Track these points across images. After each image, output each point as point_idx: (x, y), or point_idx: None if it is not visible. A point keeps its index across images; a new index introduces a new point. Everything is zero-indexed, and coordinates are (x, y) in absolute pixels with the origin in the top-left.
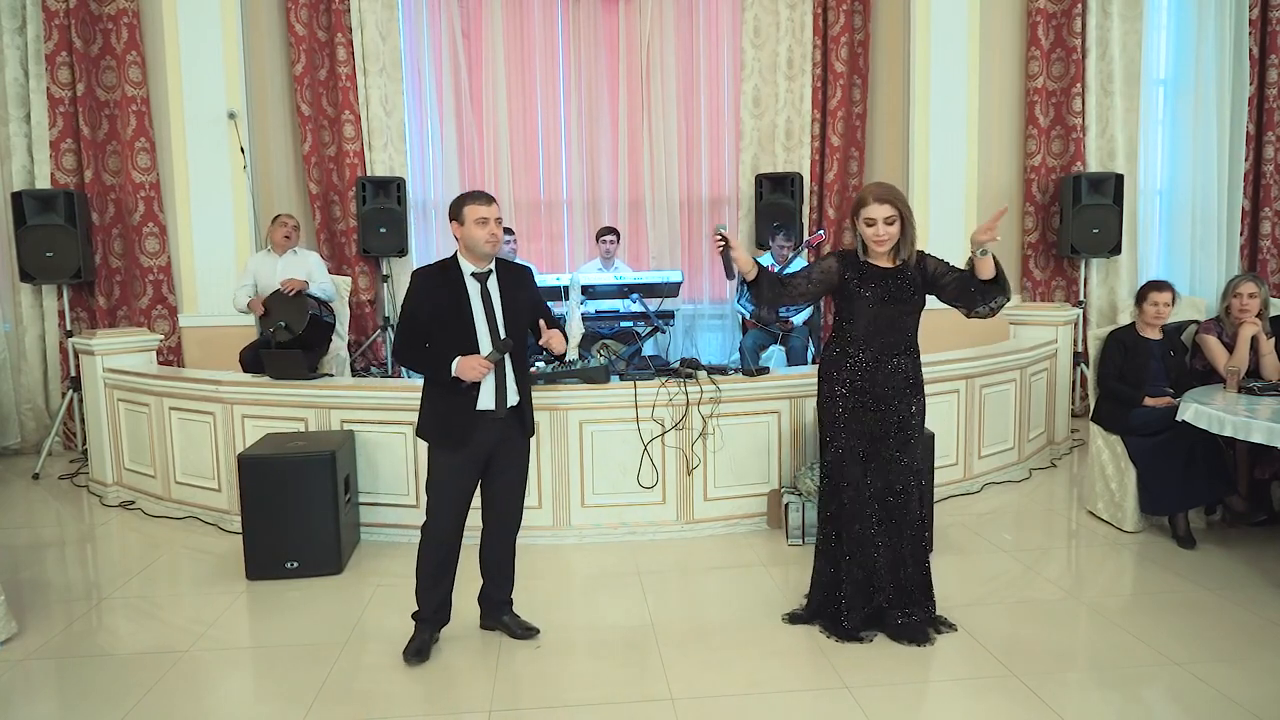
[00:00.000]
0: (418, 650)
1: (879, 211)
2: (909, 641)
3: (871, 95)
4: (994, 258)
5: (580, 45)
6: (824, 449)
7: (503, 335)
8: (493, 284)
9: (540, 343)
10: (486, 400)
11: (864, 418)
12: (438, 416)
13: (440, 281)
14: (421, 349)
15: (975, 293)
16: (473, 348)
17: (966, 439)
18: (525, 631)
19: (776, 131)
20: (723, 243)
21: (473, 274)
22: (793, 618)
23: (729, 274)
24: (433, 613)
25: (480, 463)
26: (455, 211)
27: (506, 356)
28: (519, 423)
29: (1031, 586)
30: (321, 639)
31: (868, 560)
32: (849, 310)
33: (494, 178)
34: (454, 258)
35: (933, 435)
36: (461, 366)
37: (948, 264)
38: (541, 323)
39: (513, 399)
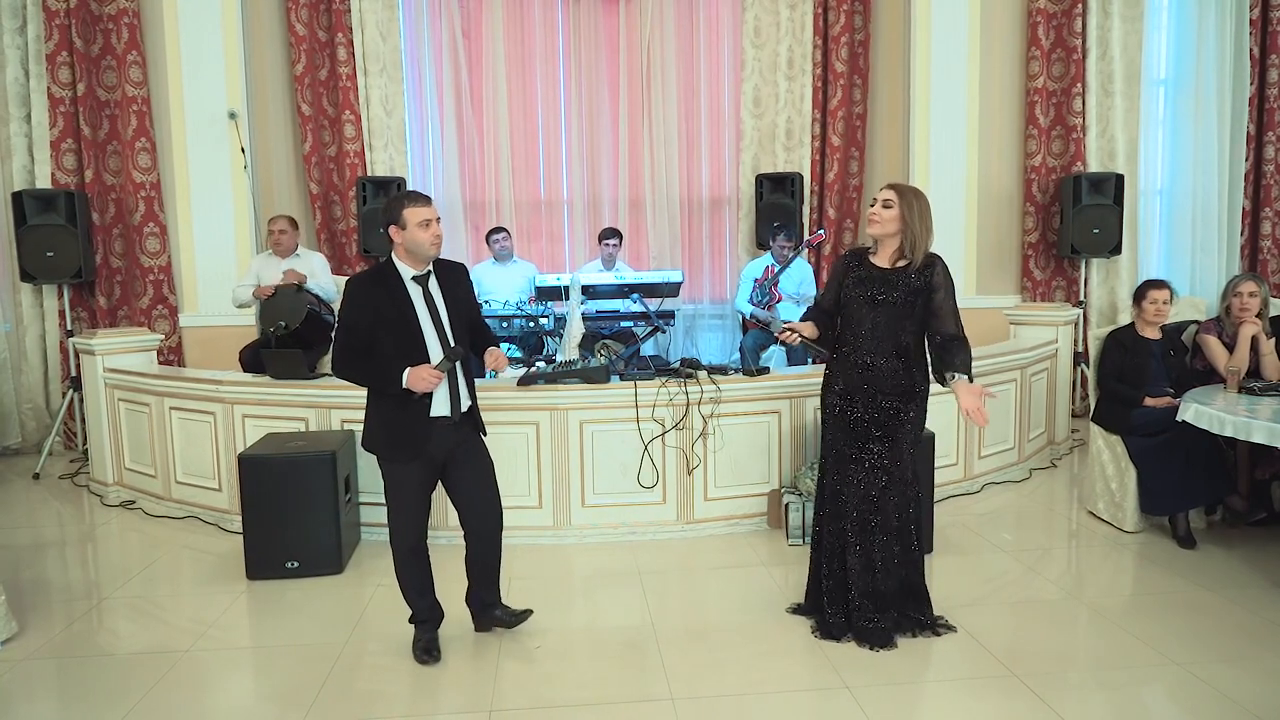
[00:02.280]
0: (426, 648)
1: (880, 194)
2: (870, 645)
3: (872, 95)
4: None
5: (580, 45)
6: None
7: (451, 340)
8: (434, 286)
9: (487, 367)
10: (441, 406)
11: (850, 418)
12: (387, 428)
13: (379, 288)
14: (364, 361)
15: (942, 364)
16: (422, 356)
17: (966, 439)
18: (518, 617)
19: (777, 131)
20: (796, 338)
21: (413, 278)
22: (797, 608)
23: (809, 353)
24: (427, 612)
25: (436, 470)
26: (394, 215)
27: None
28: (472, 425)
29: (1032, 587)
30: (321, 639)
31: (843, 560)
32: (845, 310)
33: (494, 177)
34: (389, 262)
35: (933, 436)
36: (412, 378)
37: (952, 305)
38: (488, 352)
39: (466, 402)
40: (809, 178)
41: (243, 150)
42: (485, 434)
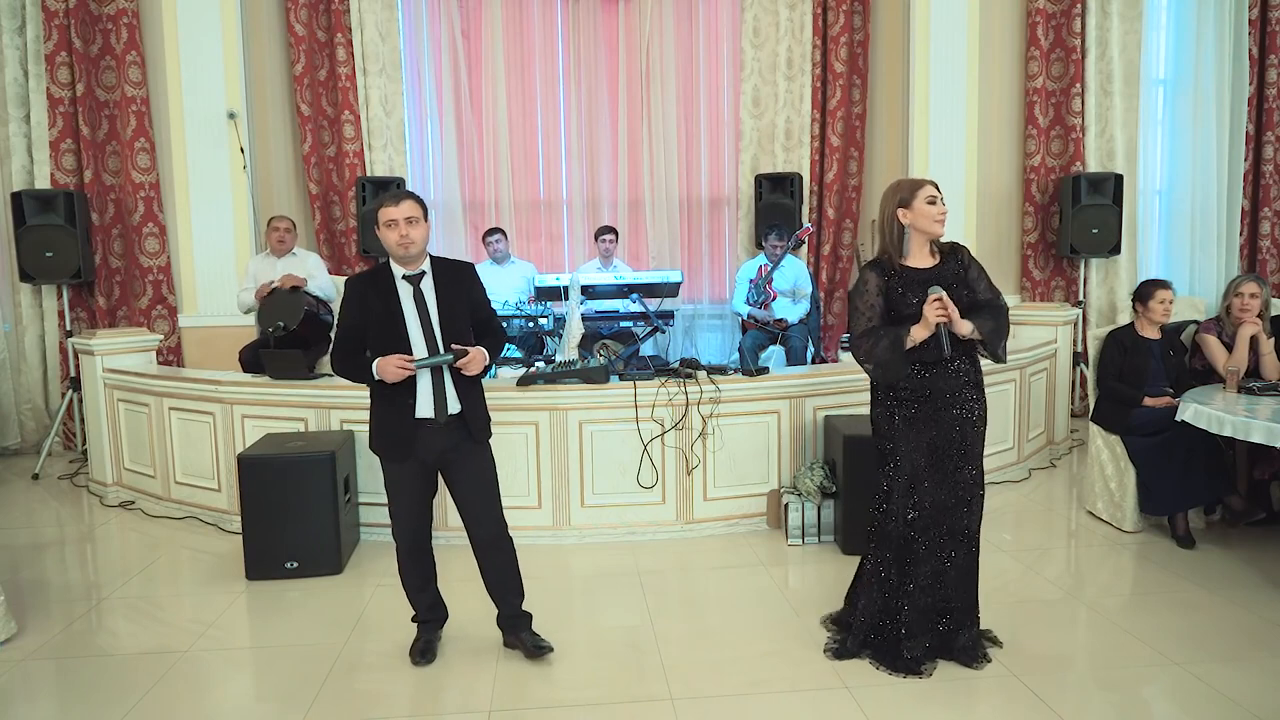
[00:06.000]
0: (423, 650)
1: (934, 191)
2: (966, 663)
3: (871, 95)
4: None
5: (580, 45)
6: (882, 465)
7: (440, 340)
8: (427, 285)
9: (457, 364)
10: (425, 408)
11: (924, 428)
12: (379, 427)
13: (370, 288)
14: (356, 358)
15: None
16: (408, 354)
17: None
18: (536, 650)
19: (776, 132)
20: (944, 315)
21: (404, 277)
22: (839, 653)
23: (944, 347)
24: (428, 612)
25: (430, 471)
26: (373, 216)
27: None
28: (465, 430)
29: (1031, 586)
30: (321, 639)
31: (937, 581)
32: (897, 319)
33: (493, 178)
34: (386, 263)
35: None
36: (380, 368)
37: (982, 271)
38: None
39: (453, 407)
40: (808, 178)
41: (242, 150)
42: (483, 440)
